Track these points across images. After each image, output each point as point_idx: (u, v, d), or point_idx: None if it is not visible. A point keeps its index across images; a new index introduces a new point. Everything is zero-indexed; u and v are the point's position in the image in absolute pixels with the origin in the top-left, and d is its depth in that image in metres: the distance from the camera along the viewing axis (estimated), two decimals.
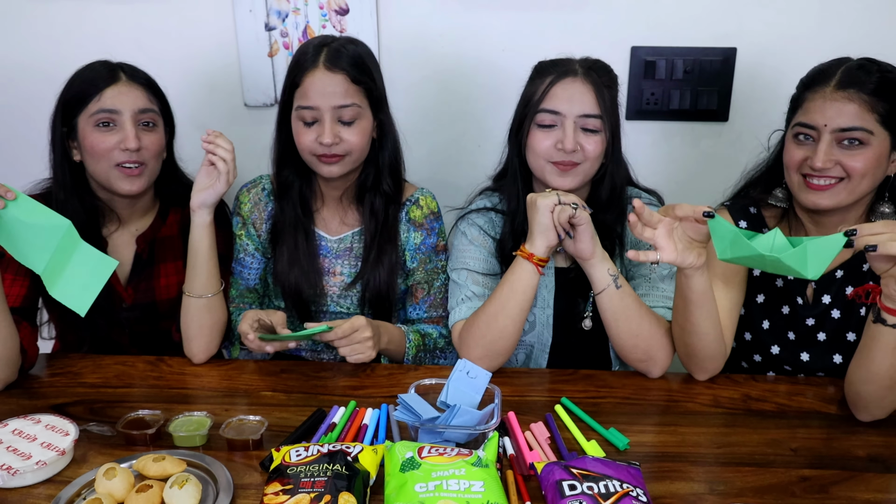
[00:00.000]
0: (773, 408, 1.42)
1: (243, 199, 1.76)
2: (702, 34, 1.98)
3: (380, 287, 1.70)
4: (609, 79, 1.56)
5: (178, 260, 1.70)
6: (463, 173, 1.94)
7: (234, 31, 2.02)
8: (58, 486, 1.16)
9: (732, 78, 2.00)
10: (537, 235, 1.47)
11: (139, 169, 1.57)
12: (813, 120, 1.42)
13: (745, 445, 1.29)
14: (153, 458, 1.17)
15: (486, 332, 1.51)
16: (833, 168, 1.40)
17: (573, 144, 1.50)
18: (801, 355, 1.59)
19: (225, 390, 1.48)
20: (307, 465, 1.10)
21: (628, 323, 1.50)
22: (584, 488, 1.06)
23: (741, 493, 1.15)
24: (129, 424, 1.30)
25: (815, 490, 1.16)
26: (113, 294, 1.65)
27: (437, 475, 1.06)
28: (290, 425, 1.34)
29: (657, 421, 1.39)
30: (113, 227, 1.67)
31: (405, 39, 2.01)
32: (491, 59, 2.01)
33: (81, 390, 1.46)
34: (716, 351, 1.47)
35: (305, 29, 2.00)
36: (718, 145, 2.07)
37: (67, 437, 1.24)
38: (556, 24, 1.98)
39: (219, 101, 2.08)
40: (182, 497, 1.08)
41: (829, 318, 1.55)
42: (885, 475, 1.20)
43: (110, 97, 1.54)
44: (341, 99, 1.55)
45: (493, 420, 1.23)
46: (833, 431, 1.34)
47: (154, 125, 1.59)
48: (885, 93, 1.39)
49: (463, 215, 1.71)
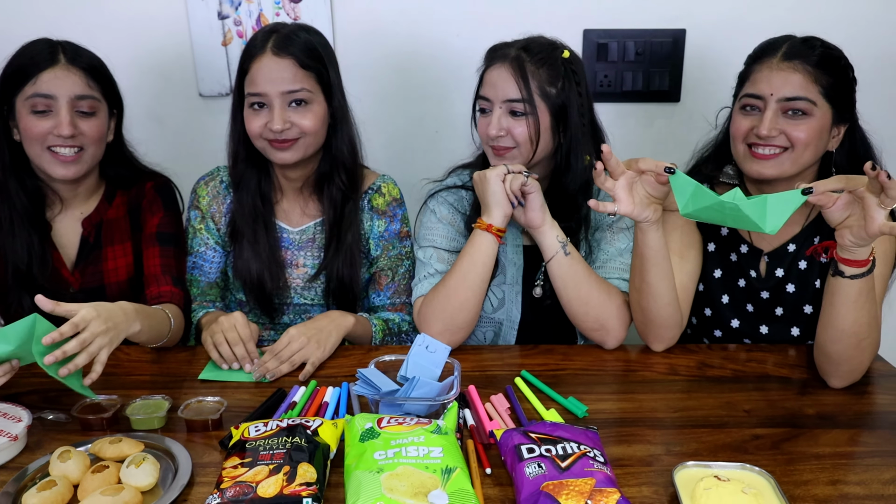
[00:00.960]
0: (729, 374, 1.45)
1: (201, 192, 1.73)
2: (652, 16, 2.01)
3: (343, 277, 1.69)
4: (545, 56, 1.51)
5: (125, 242, 1.67)
6: (421, 159, 1.95)
7: (186, 20, 2.00)
8: (10, 472, 1.13)
9: (683, 59, 2.04)
10: (493, 206, 1.48)
11: (76, 155, 1.53)
12: (759, 90, 1.45)
13: (700, 409, 1.31)
14: (109, 440, 1.15)
15: (447, 305, 1.51)
16: (778, 137, 1.43)
17: (498, 129, 1.51)
18: (761, 328, 1.62)
19: (183, 375, 1.46)
20: (266, 440, 1.09)
21: (577, 289, 1.51)
22: (542, 451, 1.07)
23: (696, 453, 1.16)
24: (84, 410, 1.27)
25: (766, 447, 1.18)
26: (59, 279, 1.61)
27: (397, 443, 1.06)
28: (250, 406, 1.32)
29: (615, 389, 1.40)
30: (56, 210, 1.63)
31: (360, 25, 2.01)
32: (446, 43, 2.02)
33: (35, 380, 1.42)
34: (671, 318, 1.49)
35: (259, 17, 1.99)
36: (671, 125, 2.11)
37: (20, 423, 1.21)
38: (510, 8, 1.99)
39: (173, 91, 2.06)
40: (139, 476, 1.06)
41: (785, 292, 1.59)
42: (832, 430, 1.23)
43: (46, 81, 1.49)
44: (289, 84, 1.53)
45: (453, 391, 1.23)
46: (785, 393, 1.37)
47: (94, 112, 1.55)
48: (827, 67, 1.43)
49: (433, 193, 1.71)
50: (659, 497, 1.06)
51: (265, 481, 0.99)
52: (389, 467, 1.01)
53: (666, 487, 1.07)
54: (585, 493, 0.98)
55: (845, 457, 1.16)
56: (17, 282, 1.57)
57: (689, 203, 1.25)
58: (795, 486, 1.08)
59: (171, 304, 1.58)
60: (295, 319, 1.77)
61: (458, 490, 0.98)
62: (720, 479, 1.05)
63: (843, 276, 1.27)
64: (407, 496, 0.96)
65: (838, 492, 1.07)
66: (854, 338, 1.32)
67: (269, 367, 1.41)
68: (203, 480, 1.10)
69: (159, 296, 1.60)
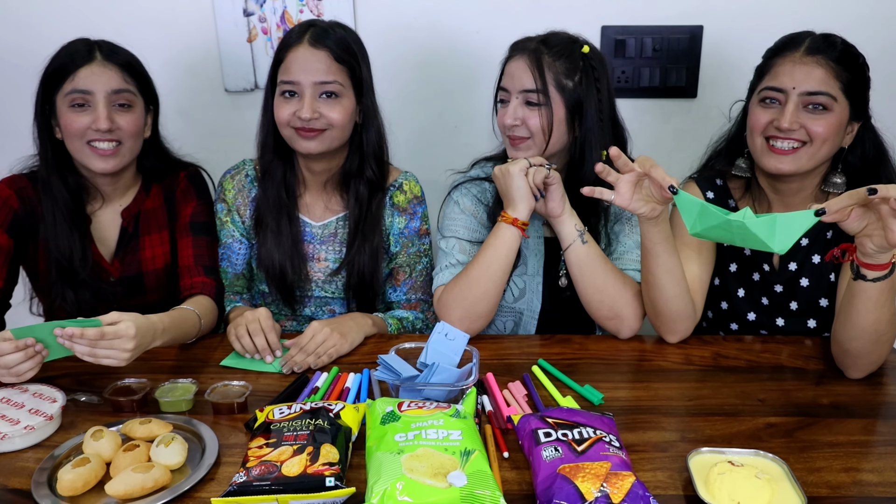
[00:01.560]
0: (744, 364, 1.45)
1: (227, 185, 1.76)
2: (669, 12, 2.01)
3: (364, 273, 1.71)
4: (563, 49, 1.52)
5: (162, 231, 1.71)
6: (441, 154, 1.96)
7: (212, 17, 2.03)
8: (46, 449, 1.17)
9: (700, 55, 2.04)
10: (518, 200, 1.50)
11: (114, 149, 1.56)
12: (782, 83, 1.45)
13: (714, 398, 1.32)
14: (140, 421, 1.19)
15: (468, 294, 1.53)
16: (798, 131, 1.43)
17: (513, 119, 1.53)
18: (777, 320, 1.62)
19: (211, 361, 1.48)
20: (290, 422, 1.11)
21: (593, 277, 1.53)
22: (558, 435, 1.09)
23: (710, 440, 1.17)
24: (115, 392, 1.31)
25: (780, 435, 1.19)
26: (99, 269, 1.65)
27: (416, 426, 1.08)
28: (274, 391, 1.35)
29: (631, 378, 1.42)
30: (97, 205, 1.67)
31: (381, 23, 2.03)
32: (465, 40, 2.04)
33: (69, 364, 1.45)
34: (680, 311, 1.49)
35: (283, 14, 2.01)
36: (688, 121, 2.11)
37: (55, 403, 1.25)
38: (529, 5, 2.00)
39: (200, 86, 2.09)
40: (168, 454, 1.09)
41: (799, 286, 1.59)
42: (846, 420, 1.24)
43: (84, 77, 1.53)
44: (323, 75, 1.56)
45: (472, 378, 1.25)
46: (800, 383, 1.37)
47: (130, 105, 1.58)
48: (847, 63, 1.44)
49: (457, 184, 1.73)
50: (673, 481, 1.07)
51: (289, 461, 1.02)
52: (410, 448, 1.03)
53: (680, 472, 1.09)
54: (601, 476, 0.99)
55: (859, 445, 1.16)
56: (61, 276, 1.61)
57: (696, 223, 1.22)
58: (809, 473, 1.09)
59: (202, 294, 1.63)
60: (316, 312, 1.79)
61: (477, 471, 1.00)
62: (734, 465, 1.06)
63: (866, 279, 1.26)
64: (427, 476, 0.98)
65: (851, 479, 1.08)
66: (874, 334, 1.32)
67: (296, 361, 1.43)
68: (229, 460, 1.13)
69: (192, 286, 1.64)
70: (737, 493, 1.01)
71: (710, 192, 1.64)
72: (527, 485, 1.07)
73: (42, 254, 1.63)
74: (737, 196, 1.64)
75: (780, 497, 1.01)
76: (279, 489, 0.98)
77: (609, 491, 0.96)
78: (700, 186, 1.65)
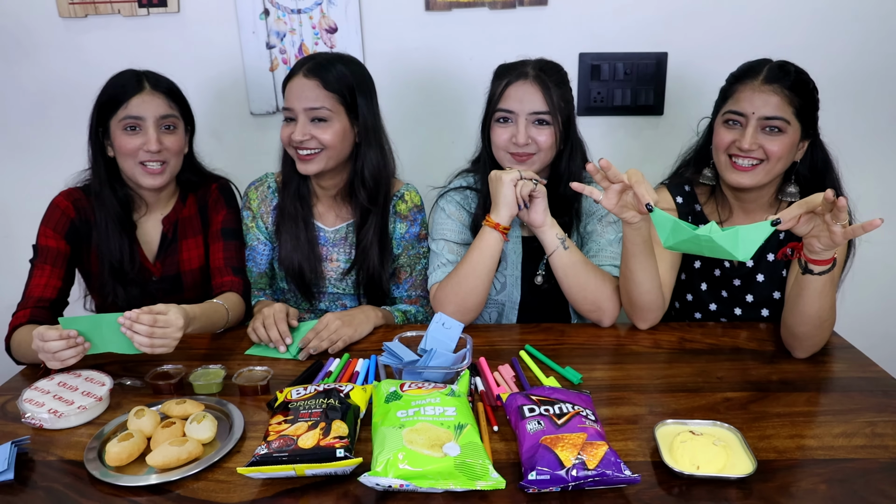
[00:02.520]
0: (706, 347, 1.45)
1: (252, 195, 1.77)
2: (638, 41, 2.00)
3: (372, 273, 1.71)
4: (558, 77, 1.57)
5: (197, 236, 1.73)
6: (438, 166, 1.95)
7: (239, 50, 2.03)
8: (97, 426, 1.18)
9: (665, 77, 2.03)
10: (502, 207, 1.49)
11: (162, 167, 1.59)
12: (742, 108, 1.46)
13: (679, 376, 1.32)
14: (176, 401, 1.19)
15: (459, 290, 1.53)
16: (756, 150, 1.44)
17: (525, 139, 1.53)
18: (735, 310, 1.62)
19: (237, 350, 1.49)
20: (305, 401, 1.12)
21: (576, 278, 1.52)
22: (541, 411, 1.09)
23: (675, 413, 1.18)
24: (155, 377, 1.32)
25: (735, 407, 1.19)
26: (144, 270, 1.67)
27: (416, 403, 1.08)
28: (293, 375, 1.36)
29: (606, 361, 1.41)
30: (142, 213, 1.68)
31: (386, 52, 2.03)
32: (460, 66, 2.04)
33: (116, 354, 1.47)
34: (652, 303, 1.49)
35: (301, 46, 2.02)
36: (656, 135, 2.10)
37: (104, 386, 1.26)
38: (515, 36, 2.00)
39: (228, 110, 2.09)
40: (200, 430, 1.10)
41: (755, 281, 1.59)
42: (793, 394, 1.24)
43: (136, 105, 1.55)
44: (312, 102, 1.56)
45: (465, 361, 1.26)
46: (753, 363, 1.37)
47: (174, 128, 1.60)
48: (799, 90, 1.44)
49: (443, 193, 1.73)
50: (642, 449, 1.07)
51: (304, 435, 1.02)
52: (410, 423, 1.03)
53: (648, 441, 1.09)
54: (578, 445, 0.99)
55: (803, 415, 1.16)
56: (112, 276, 1.63)
57: (669, 237, 1.22)
58: (759, 440, 1.09)
59: (231, 291, 1.64)
60: (329, 306, 1.80)
61: (469, 443, 1.00)
62: (694, 434, 1.06)
63: (812, 273, 1.27)
64: (425, 447, 0.98)
65: (796, 444, 1.08)
66: (818, 320, 1.32)
67: (312, 346, 1.44)
68: (253, 435, 1.14)
69: (222, 285, 1.66)
70: (696, 459, 1.01)
71: (679, 196, 1.64)
72: (513, 454, 1.07)
73: (95, 257, 1.64)
74: (702, 201, 1.64)
75: (734, 461, 1.01)
76: (296, 459, 0.98)
77: (585, 458, 0.97)
78: (671, 191, 1.65)
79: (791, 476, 1.01)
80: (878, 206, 1.66)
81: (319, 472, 0.99)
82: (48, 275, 1.57)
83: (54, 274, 1.57)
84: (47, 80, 2.08)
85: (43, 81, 2.08)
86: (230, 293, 1.63)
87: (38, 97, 2.10)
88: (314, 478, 1.01)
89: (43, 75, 2.08)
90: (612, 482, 0.96)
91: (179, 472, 1.03)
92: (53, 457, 1.10)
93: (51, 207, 1.62)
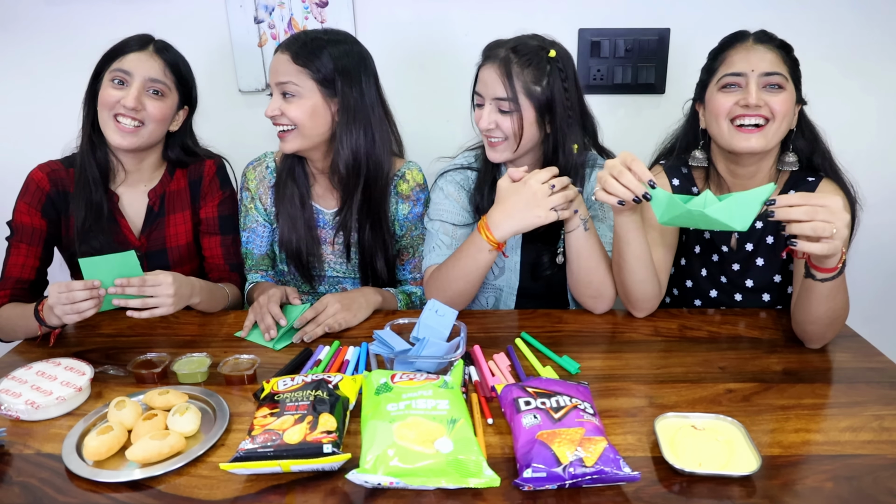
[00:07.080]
0: (706, 335, 1.41)
1: (249, 175, 1.72)
2: (639, 16, 1.94)
3: (373, 255, 1.67)
4: (533, 60, 1.42)
5: (185, 210, 1.68)
6: (434, 145, 1.90)
7: (226, 25, 1.96)
8: (76, 418, 1.13)
9: (667, 54, 1.97)
10: (514, 224, 1.36)
11: (135, 129, 1.53)
12: (740, 68, 1.41)
13: (679, 366, 1.27)
14: (159, 391, 1.15)
15: (448, 289, 1.47)
16: (763, 107, 1.39)
17: (487, 123, 1.46)
18: (735, 296, 1.58)
19: (224, 336, 1.45)
20: (292, 393, 1.07)
21: (588, 261, 1.46)
22: (537, 403, 1.05)
23: (675, 405, 1.14)
24: (138, 365, 1.27)
25: (738, 399, 1.15)
26: (127, 244, 1.62)
27: (407, 396, 1.04)
28: (281, 363, 1.31)
29: (605, 349, 1.37)
30: (120, 180, 1.63)
31: (379, 27, 1.96)
32: (455, 42, 1.97)
33: (99, 339, 1.43)
34: (646, 292, 1.44)
35: (290, 21, 1.94)
36: (657, 114, 2.04)
37: (84, 376, 1.21)
38: (512, 10, 1.94)
39: (216, 87, 2.02)
40: (183, 423, 1.06)
41: (755, 266, 1.54)
42: (797, 385, 1.20)
43: (130, 60, 1.52)
44: (280, 76, 1.51)
45: (459, 350, 1.21)
46: (755, 352, 1.33)
47: (162, 95, 1.55)
48: (787, 52, 1.43)
49: (442, 173, 1.67)
50: (641, 444, 1.03)
51: (291, 429, 0.98)
52: (401, 417, 0.99)
53: (648, 436, 1.05)
54: (576, 441, 0.95)
55: (808, 408, 1.12)
56: (79, 237, 1.56)
57: (664, 213, 1.21)
58: (763, 434, 1.05)
59: (230, 283, 1.67)
60: (330, 289, 1.76)
61: (462, 438, 0.96)
62: (696, 429, 1.03)
63: (815, 279, 1.22)
64: (416, 443, 0.94)
65: (800, 439, 1.04)
66: (828, 320, 1.27)
67: (306, 331, 1.41)
68: (239, 427, 1.10)
69: (220, 280, 1.66)
70: (699, 455, 0.97)
71: (676, 179, 1.59)
72: (508, 449, 1.03)
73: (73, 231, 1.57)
74: (699, 184, 1.59)
75: (738, 457, 0.97)
76: (281, 455, 0.94)
77: (583, 455, 0.93)
78: (667, 173, 1.60)
79: (796, 473, 0.97)
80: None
81: (306, 468, 0.95)
82: (24, 254, 1.54)
83: (31, 253, 1.54)
84: (30, 55, 2.01)
85: (25, 56, 2.01)
86: (230, 283, 1.65)
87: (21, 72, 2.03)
88: (301, 474, 0.97)
89: (25, 50, 2.00)
90: (610, 480, 0.92)
91: (161, 466, 0.98)
92: (31, 450, 1.06)
93: (26, 181, 1.57)
